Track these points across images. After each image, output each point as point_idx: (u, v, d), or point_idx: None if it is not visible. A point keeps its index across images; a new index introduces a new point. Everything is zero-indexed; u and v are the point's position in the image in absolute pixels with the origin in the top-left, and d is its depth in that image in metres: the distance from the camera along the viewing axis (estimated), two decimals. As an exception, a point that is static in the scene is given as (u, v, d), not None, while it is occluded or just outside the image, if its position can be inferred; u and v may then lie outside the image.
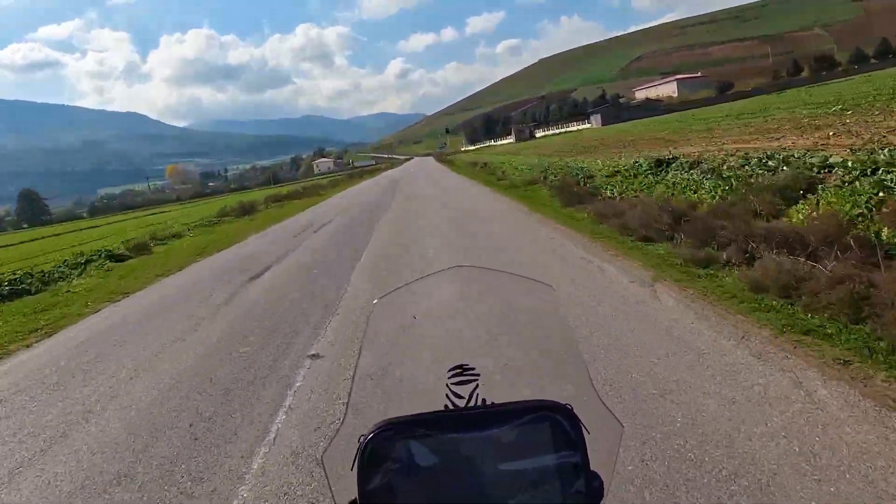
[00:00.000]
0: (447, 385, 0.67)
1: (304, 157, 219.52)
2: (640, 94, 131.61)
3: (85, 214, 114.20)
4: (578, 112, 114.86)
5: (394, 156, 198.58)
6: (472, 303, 0.79)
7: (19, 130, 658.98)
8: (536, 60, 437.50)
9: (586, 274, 6.33)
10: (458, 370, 0.68)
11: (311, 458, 3.17)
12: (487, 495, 0.59)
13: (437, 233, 10.92)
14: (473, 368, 0.68)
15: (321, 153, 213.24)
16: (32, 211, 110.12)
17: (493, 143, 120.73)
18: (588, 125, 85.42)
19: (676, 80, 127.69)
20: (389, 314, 0.76)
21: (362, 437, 0.60)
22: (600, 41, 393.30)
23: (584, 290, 5.64)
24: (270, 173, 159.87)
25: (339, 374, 4.36)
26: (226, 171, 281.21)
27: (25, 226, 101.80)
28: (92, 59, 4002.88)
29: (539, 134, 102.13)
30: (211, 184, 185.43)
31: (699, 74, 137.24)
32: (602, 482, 0.61)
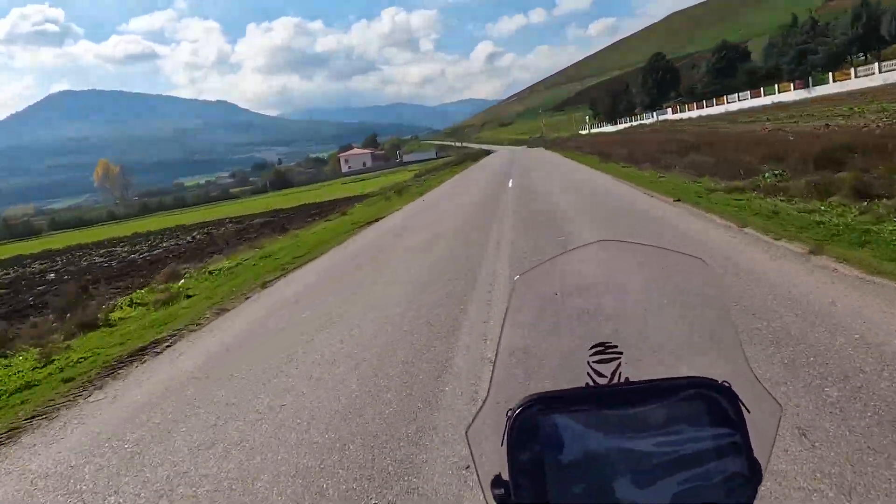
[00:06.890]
0: (588, 363, 0.65)
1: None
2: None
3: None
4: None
5: (465, 144, 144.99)
6: (616, 278, 0.74)
7: (116, 121, 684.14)
8: (665, 15, 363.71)
9: None
10: (600, 348, 0.65)
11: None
12: (640, 473, 0.56)
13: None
14: (616, 346, 0.65)
15: (373, 141, 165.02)
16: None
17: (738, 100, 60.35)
18: None
19: None
20: (531, 291, 0.72)
21: (510, 411, 0.59)
22: None
23: None
24: (270, 175, 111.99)
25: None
26: (279, 161, 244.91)
27: None
28: (184, 49, 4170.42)
29: None
30: (251, 179, 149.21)
31: None
32: (760, 465, 0.58)
